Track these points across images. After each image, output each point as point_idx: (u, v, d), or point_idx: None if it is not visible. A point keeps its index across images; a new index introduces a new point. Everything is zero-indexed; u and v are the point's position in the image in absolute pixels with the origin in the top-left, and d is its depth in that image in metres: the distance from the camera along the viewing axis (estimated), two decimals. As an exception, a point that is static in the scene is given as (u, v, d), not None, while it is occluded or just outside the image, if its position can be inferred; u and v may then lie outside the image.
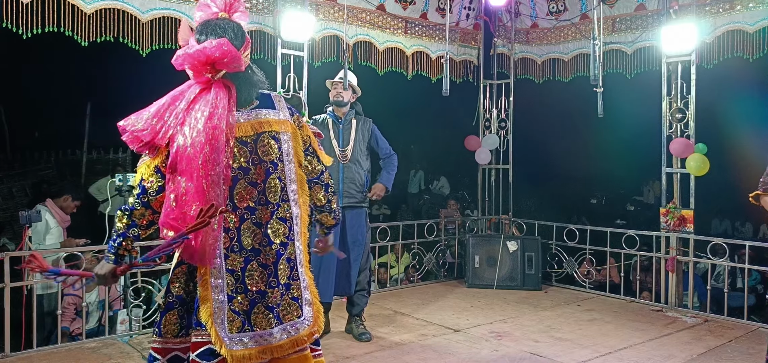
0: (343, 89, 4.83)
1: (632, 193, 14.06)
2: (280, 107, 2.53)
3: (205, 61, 2.29)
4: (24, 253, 4.94)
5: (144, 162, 2.38)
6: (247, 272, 2.38)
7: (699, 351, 4.64)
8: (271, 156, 2.44)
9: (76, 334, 5.36)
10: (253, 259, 2.39)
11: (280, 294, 2.42)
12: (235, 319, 2.35)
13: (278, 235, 2.43)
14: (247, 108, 2.44)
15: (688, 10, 5.90)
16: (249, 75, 2.45)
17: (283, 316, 2.43)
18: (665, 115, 6.06)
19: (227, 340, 2.33)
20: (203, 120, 2.26)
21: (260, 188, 2.41)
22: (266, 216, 2.42)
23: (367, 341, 4.75)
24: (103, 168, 13.13)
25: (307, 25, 5.65)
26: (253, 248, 2.40)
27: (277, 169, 2.45)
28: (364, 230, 4.86)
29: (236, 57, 2.31)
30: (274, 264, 2.41)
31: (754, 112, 10.99)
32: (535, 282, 6.68)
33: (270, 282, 2.40)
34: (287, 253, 2.45)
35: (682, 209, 5.92)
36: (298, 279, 2.49)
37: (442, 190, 14.29)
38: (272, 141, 2.44)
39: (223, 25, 2.40)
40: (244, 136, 2.40)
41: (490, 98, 7.59)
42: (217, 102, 2.30)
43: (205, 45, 2.30)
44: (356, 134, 4.81)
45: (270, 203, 2.42)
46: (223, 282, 2.35)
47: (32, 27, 4.45)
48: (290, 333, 2.43)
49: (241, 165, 2.38)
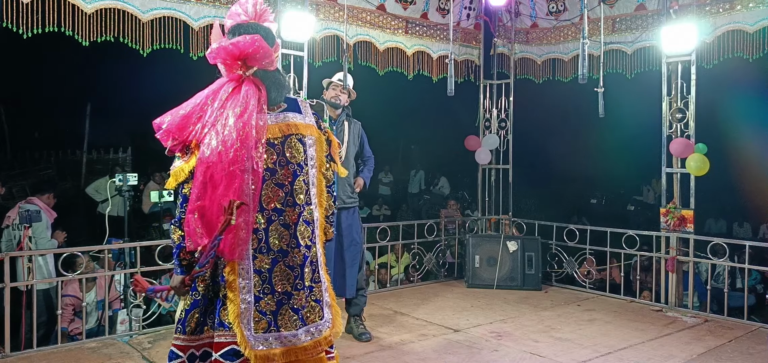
0: (341, 92, 4.80)
1: (632, 193, 14.05)
2: (306, 112, 2.59)
3: (239, 55, 2.35)
4: (24, 253, 4.95)
5: (177, 166, 2.39)
6: (274, 273, 2.41)
7: (699, 351, 4.64)
8: (298, 158, 2.48)
9: (75, 334, 5.37)
10: (280, 261, 2.42)
11: (305, 296, 2.45)
12: (261, 320, 2.37)
13: (304, 237, 2.47)
14: (276, 110, 2.49)
15: (688, 10, 5.90)
16: (279, 77, 2.51)
17: (307, 317, 2.46)
18: (665, 115, 6.06)
19: (252, 340, 2.35)
20: (234, 118, 2.30)
21: (287, 190, 2.44)
22: (294, 218, 2.45)
23: (367, 341, 4.75)
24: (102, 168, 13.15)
25: (308, 25, 5.65)
26: (281, 249, 2.42)
27: (303, 171, 2.49)
28: (359, 229, 4.88)
29: (268, 53, 2.38)
30: (301, 266, 2.44)
31: (754, 112, 10.99)
32: (535, 282, 6.68)
33: (296, 284, 2.43)
34: (311, 256, 2.49)
35: (682, 209, 5.92)
36: (319, 282, 2.52)
37: (442, 190, 14.29)
38: (299, 144, 2.50)
39: (254, 26, 2.47)
40: (273, 138, 2.44)
41: (490, 98, 7.59)
42: (247, 100, 2.34)
43: (239, 39, 2.36)
44: (349, 136, 4.81)
45: (297, 205, 2.46)
46: (251, 282, 2.37)
47: (32, 27, 4.45)
48: (314, 335, 2.46)
49: (268, 166, 2.42)
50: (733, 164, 11.06)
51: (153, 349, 4.50)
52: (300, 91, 5.75)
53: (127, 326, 4.93)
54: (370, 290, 6.00)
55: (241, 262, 2.36)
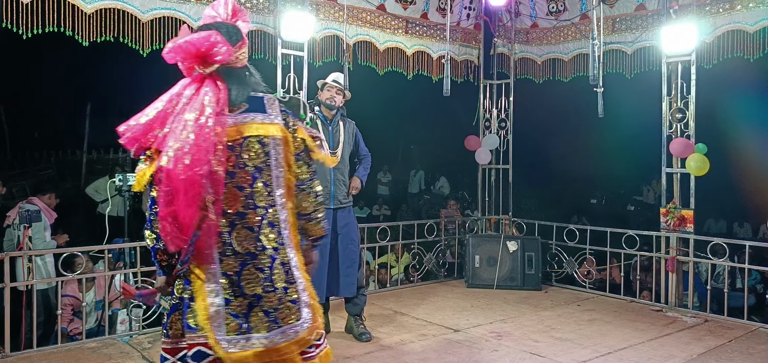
0: (337, 93, 4.78)
1: (632, 193, 14.04)
2: (272, 110, 2.49)
3: (195, 53, 2.29)
4: (24, 253, 4.95)
5: (140, 170, 2.38)
6: (243, 276, 2.38)
7: (699, 351, 4.64)
8: (256, 161, 2.41)
9: (74, 334, 5.37)
10: (249, 263, 2.39)
11: (277, 298, 2.41)
12: (232, 322, 2.35)
13: (270, 240, 2.43)
14: (236, 111, 2.41)
15: (688, 10, 5.90)
16: (242, 76, 2.45)
17: (281, 319, 2.42)
18: (665, 115, 6.06)
19: (225, 342, 2.33)
20: (192, 122, 2.25)
21: (248, 193, 2.39)
22: (256, 220, 2.40)
23: (368, 341, 4.75)
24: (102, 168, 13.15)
25: (308, 25, 5.65)
26: (249, 252, 2.39)
27: (262, 173, 2.42)
28: (356, 228, 4.88)
29: (226, 50, 2.30)
30: (269, 268, 2.41)
31: (754, 112, 10.99)
32: (535, 282, 6.68)
33: (266, 286, 2.39)
34: (281, 258, 2.44)
35: (682, 209, 5.92)
36: (294, 282, 2.47)
37: (442, 190, 14.29)
38: (258, 145, 2.42)
39: (217, 25, 2.41)
40: (232, 141, 2.38)
41: (490, 98, 7.59)
42: (205, 103, 2.28)
43: (194, 36, 2.30)
44: (345, 135, 4.80)
45: (259, 208, 2.41)
46: (219, 285, 2.35)
47: (32, 27, 4.44)
48: (289, 336, 2.42)
49: (229, 170, 2.36)
50: (733, 164, 11.05)
51: (153, 349, 4.49)
52: (300, 91, 5.75)
53: (127, 326, 4.93)
54: (370, 290, 6.01)
55: (207, 265, 2.35)
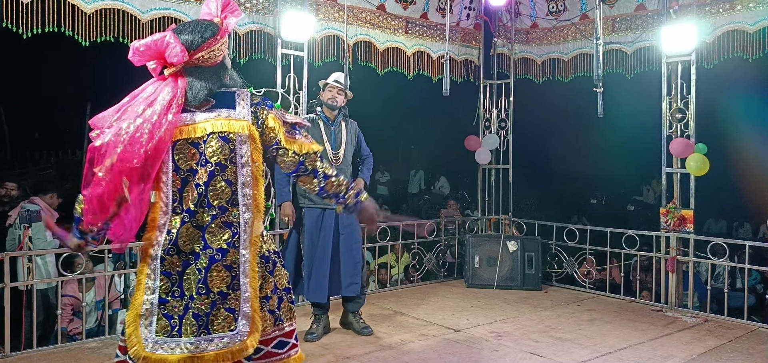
0: (338, 93, 4.78)
1: (632, 193, 14.04)
2: (241, 107, 2.43)
3: (151, 55, 2.31)
4: (24, 253, 4.94)
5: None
6: (185, 276, 2.34)
7: (699, 351, 4.64)
8: (218, 158, 2.35)
9: (74, 334, 5.37)
10: (192, 264, 2.34)
11: (210, 303, 2.34)
12: (162, 321, 2.32)
13: (218, 240, 2.36)
14: (203, 108, 2.39)
15: (688, 10, 5.90)
16: (210, 73, 2.39)
17: (213, 326, 2.35)
18: (665, 115, 6.06)
19: (151, 341, 2.31)
20: (138, 115, 2.26)
21: (201, 191, 2.35)
22: (206, 220, 2.35)
23: (369, 335, 4.79)
24: (102, 168, 13.13)
25: (307, 25, 5.66)
26: (193, 252, 2.35)
27: (225, 171, 2.37)
28: (359, 228, 4.87)
29: (180, 51, 2.27)
30: (205, 270, 2.34)
31: (754, 112, 10.97)
32: (535, 282, 6.68)
33: (199, 289, 2.33)
34: (227, 261, 2.36)
35: (682, 209, 5.92)
36: (238, 289, 2.38)
37: (442, 190, 14.27)
38: (221, 142, 2.36)
39: (184, 26, 2.39)
40: (195, 137, 2.35)
41: (490, 98, 7.59)
42: (158, 98, 2.29)
43: (148, 39, 2.32)
44: (347, 136, 4.80)
45: (211, 206, 2.35)
46: (157, 283, 2.33)
47: (32, 27, 4.45)
48: (218, 346, 2.35)
49: (191, 167, 2.35)
50: (733, 164, 11.04)
51: (153, 349, 4.49)
52: (300, 91, 5.75)
53: (127, 326, 4.92)
54: (370, 290, 6.01)
55: (150, 262, 2.34)
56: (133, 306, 2.35)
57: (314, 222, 4.69)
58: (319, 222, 4.69)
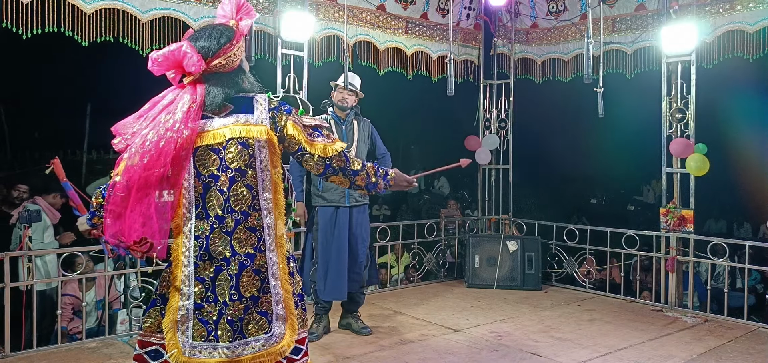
0: (347, 94, 4.85)
1: (632, 193, 14.04)
2: (259, 111, 2.44)
3: (170, 65, 2.34)
4: (24, 253, 4.94)
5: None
6: (218, 282, 2.36)
7: (699, 351, 4.64)
8: (238, 163, 2.37)
9: (74, 333, 5.37)
10: (224, 269, 2.36)
11: (243, 307, 2.37)
12: (200, 327, 2.34)
13: (245, 245, 2.38)
14: (221, 113, 2.40)
15: (688, 10, 5.90)
16: (228, 78, 2.41)
17: (247, 330, 2.38)
18: (665, 115, 6.06)
19: (188, 346, 2.33)
20: (160, 123, 2.28)
21: (226, 197, 2.36)
22: (231, 225, 2.37)
23: (368, 334, 4.82)
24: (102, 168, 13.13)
25: (307, 25, 5.66)
26: (224, 257, 2.37)
27: (246, 176, 2.38)
28: (368, 227, 4.97)
29: (197, 61, 2.30)
30: (236, 276, 2.36)
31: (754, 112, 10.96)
32: (535, 282, 6.68)
33: (232, 294, 2.36)
34: (255, 265, 2.39)
35: (682, 209, 5.92)
36: (269, 292, 2.42)
37: (442, 190, 14.28)
38: (240, 148, 2.37)
39: (201, 31, 2.41)
40: (215, 143, 2.36)
41: (490, 98, 7.59)
42: (178, 106, 2.30)
43: (166, 50, 2.34)
44: (359, 134, 4.84)
45: (234, 212, 2.37)
46: (191, 289, 2.35)
47: (32, 27, 4.44)
48: (255, 349, 2.38)
49: (212, 172, 2.36)
50: (733, 164, 11.03)
51: (153, 349, 4.49)
52: (300, 91, 5.76)
53: (127, 326, 4.93)
54: (370, 290, 6.01)
55: (183, 268, 2.35)
56: (169, 311, 2.36)
57: (328, 220, 4.74)
58: (333, 220, 4.74)
